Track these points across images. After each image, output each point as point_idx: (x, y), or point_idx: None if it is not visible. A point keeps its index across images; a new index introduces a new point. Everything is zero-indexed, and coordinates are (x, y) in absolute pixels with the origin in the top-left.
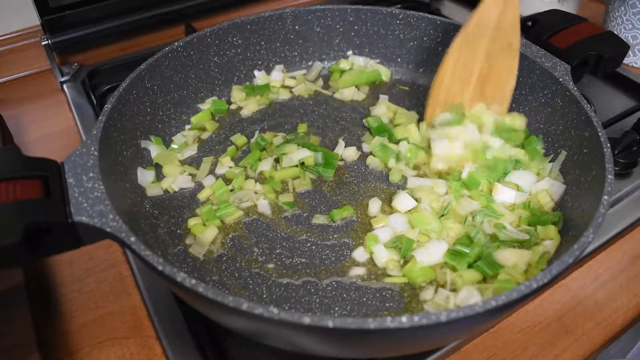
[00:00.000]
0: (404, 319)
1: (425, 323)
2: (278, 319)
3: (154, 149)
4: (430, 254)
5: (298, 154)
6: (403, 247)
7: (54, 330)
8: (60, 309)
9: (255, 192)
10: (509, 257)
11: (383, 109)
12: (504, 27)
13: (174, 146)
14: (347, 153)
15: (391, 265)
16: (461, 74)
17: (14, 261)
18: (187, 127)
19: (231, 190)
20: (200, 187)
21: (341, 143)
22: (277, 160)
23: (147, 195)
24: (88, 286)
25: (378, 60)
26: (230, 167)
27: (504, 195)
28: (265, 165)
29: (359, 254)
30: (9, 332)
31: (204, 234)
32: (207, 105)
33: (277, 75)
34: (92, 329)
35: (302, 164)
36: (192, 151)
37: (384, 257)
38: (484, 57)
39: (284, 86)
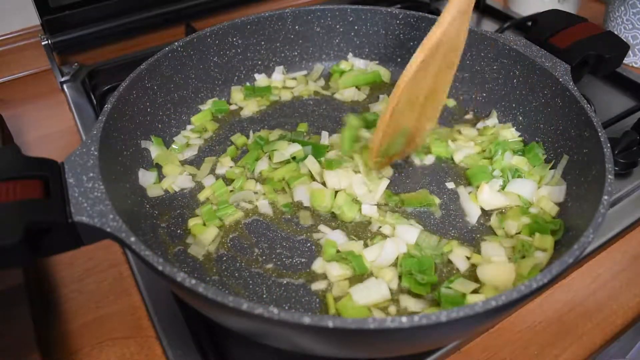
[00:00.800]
0: (404, 319)
1: (425, 323)
2: (278, 319)
3: (154, 149)
4: (369, 294)
5: (288, 149)
6: (355, 266)
7: (54, 330)
8: (60, 309)
9: (255, 192)
10: (492, 275)
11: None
12: (456, 45)
13: (174, 146)
14: (335, 141)
15: (340, 285)
16: (412, 97)
17: (14, 261)
18: (188, 127)
19: (231, 191)
20: (200, 187)
21: (324, 134)
22: (270, 158)
23: (147, 196)
24: (88, 286)
25: (378, 61)
26: (231, 167)
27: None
28: (263, 165)
29: (317, 266)
30: (9, 332)
31: (204, 234)
32: (207, 106)
33: (278, 77)
34: (92, 329)
35: (294, 159)
36: (192, 151)
37: (336, 273)
38: (432, 77)
39: (284, 87)
